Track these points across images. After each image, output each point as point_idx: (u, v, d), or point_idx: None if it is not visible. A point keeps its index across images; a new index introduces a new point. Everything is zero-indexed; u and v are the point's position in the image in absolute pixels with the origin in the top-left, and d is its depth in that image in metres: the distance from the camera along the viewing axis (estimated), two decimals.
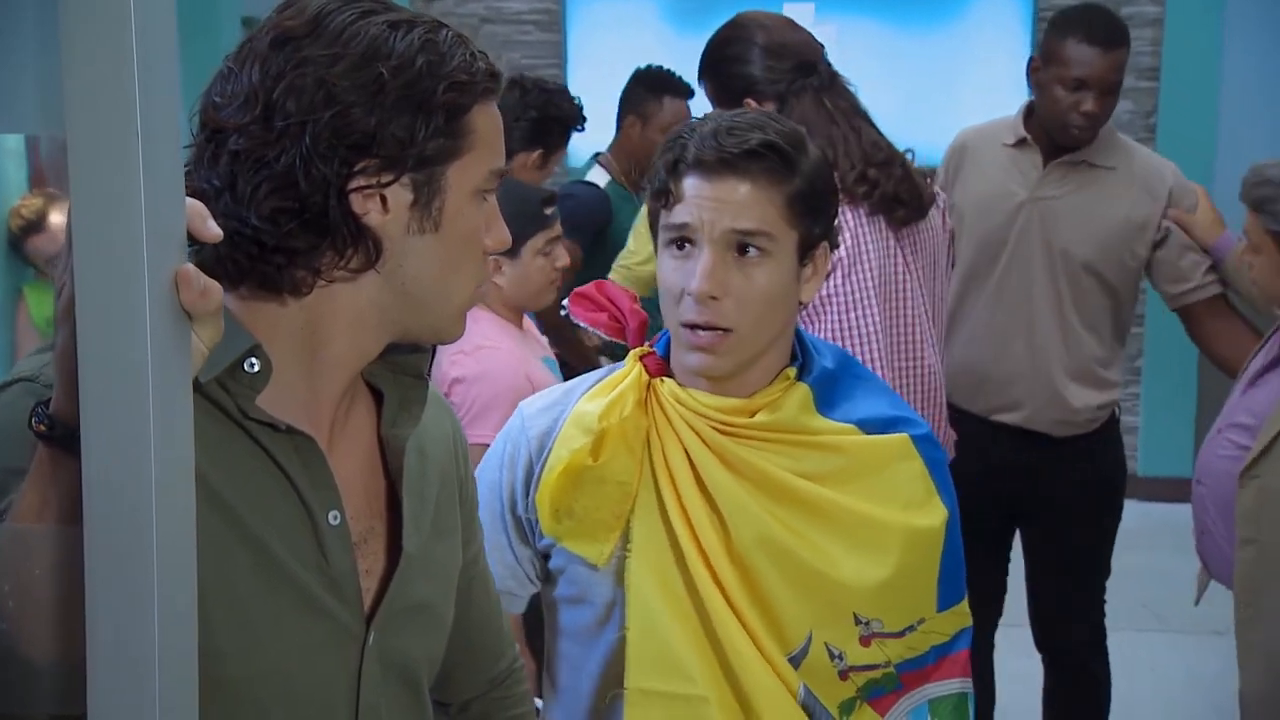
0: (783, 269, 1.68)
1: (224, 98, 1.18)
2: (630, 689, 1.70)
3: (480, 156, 1.25)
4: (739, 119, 1.70)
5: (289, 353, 1.23)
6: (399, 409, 1.36)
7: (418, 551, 1.35)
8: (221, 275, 1.20)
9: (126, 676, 0.92)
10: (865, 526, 1.70)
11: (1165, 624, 4.82)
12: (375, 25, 1.19)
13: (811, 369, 1.75)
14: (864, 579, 1.69)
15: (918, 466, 1.75)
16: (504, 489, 1.80)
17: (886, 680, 1.75)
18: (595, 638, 1.76)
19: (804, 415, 1.72)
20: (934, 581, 1.75)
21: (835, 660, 1.70)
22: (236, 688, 1.21)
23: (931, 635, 1.77)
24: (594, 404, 1.73)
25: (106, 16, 0.87)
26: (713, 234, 1.65)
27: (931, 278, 2.60)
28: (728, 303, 1.65)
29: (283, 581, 1.23)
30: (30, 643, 0.98)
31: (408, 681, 1.38)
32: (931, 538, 1.74)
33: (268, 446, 1.22)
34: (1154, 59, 6.17)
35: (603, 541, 1.72)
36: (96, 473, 0.91)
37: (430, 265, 1.25)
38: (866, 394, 1.79)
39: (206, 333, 0.99)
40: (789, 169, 1.67)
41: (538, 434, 1.77)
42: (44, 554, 0.97)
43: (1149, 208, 3.25)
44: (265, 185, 1.16)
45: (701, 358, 1.68)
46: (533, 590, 1.86)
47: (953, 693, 1.81)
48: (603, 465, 1.69)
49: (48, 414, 0.97)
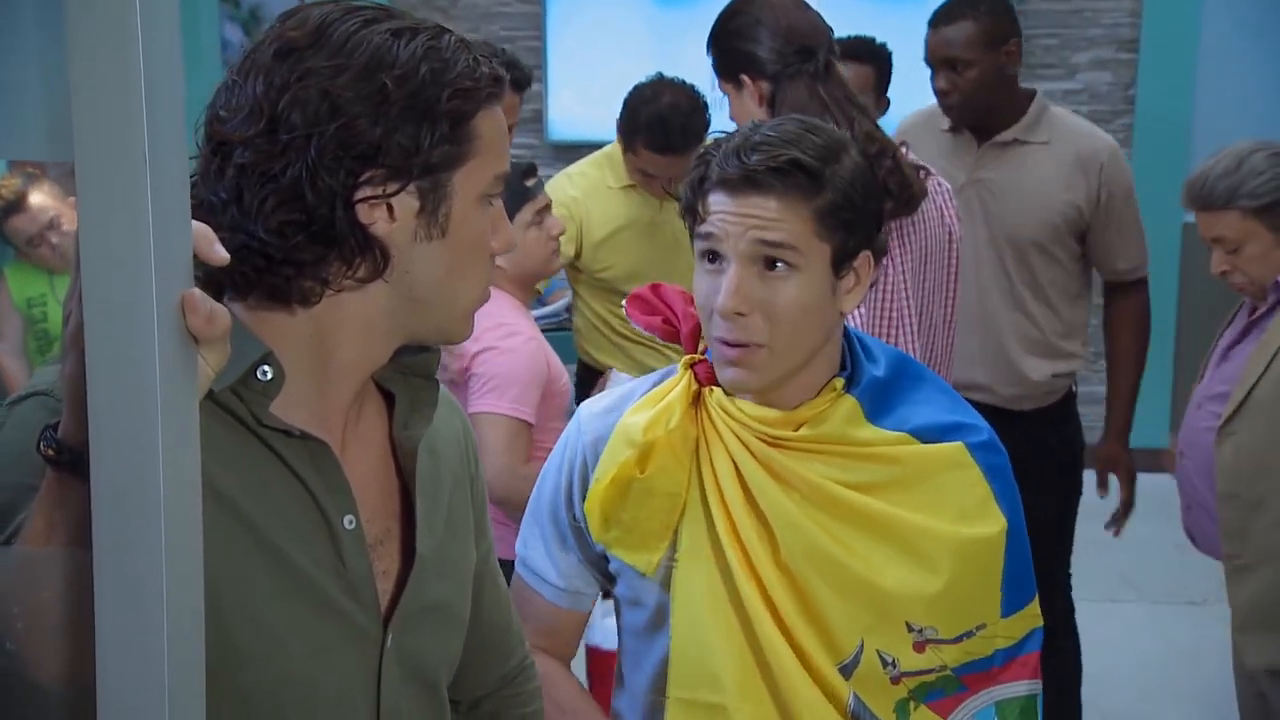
0: (814, 282, 1.64)
1: (229, 110, 1.18)
2: (671, 698, 1.70)
3: (485, 161, 1.25)
4: (770, 133, 1.65)
5: (300, 360, 1.24)
6: (410, 410, 1.36)
7: (432, 552, 1.36)
8: (230, 285, 1.22)
9: (136, 699, 0.93)
10: (917, 537, 1.67)
11: (1141, 594, 4.87)
12: (378, 34, 1.19)
13: (860, 378, 1.72)
14: (916, 590, 1.66)
15: (974, 475, 1.71)
16: (562, 492, 1.79)
17: (943, 683, 1.73)
18: (649, 638, 1.76)
19: (850, 427, 1.69)
20: (997, 589, 1.72)
21: (888, 667, 1.69)
22: (257, 693, 1.22)
23: (996, 639, 1.74)
24: (640, 416, 1.71)
25: (113, 43, 0.87)
26: (738, 248, 1.62)
27: (922, 274, 2.60)
28: (756, 318, 1.63)
29: (300, 586, 1.24)
30: (39, 665, 0.99)
31: (426, 682, 1.39)
32: (988, 546, 1.70)
33: (282, 453, 1.23)
34: (1133, 30, 6.17)
35: (651, 551, 1.71)
36: (106, 496, 0.92)
37: (437, 271, 1.25)
38: (924, 399, 1.75)
39: (213, 356, 0.99)
40: (817, 184, 1.62)
41: (592, 439, 1.76)
42: (52, 577, 0.98)
43: (1082, 185, 3.29)
44: (272, 198, 1.16)
45: (734, 372, 1.66)
46: (598, 589, 1.86)
47: (1020, 695, 1.78)
48: (650, 477, 1.68)
49: (56, 438, 0.98)
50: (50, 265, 3.75)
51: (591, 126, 6.29)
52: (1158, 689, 4.21)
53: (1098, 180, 3.28)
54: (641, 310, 1.84)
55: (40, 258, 3.76)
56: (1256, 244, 2.70)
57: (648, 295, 1.84)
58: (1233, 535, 2.59)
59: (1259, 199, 2.67)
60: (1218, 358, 2.85)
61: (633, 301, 1.85)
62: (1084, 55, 6.22)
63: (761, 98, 2.57)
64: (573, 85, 6.24)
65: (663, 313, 1.83)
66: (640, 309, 1.84)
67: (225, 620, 1.18)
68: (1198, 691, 4.11)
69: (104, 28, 0.87)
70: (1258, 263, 2.71)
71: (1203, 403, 2.82)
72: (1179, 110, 6.08)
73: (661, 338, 1.83)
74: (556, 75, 6.21)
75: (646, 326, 1.83)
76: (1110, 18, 6.21)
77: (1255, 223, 2.69)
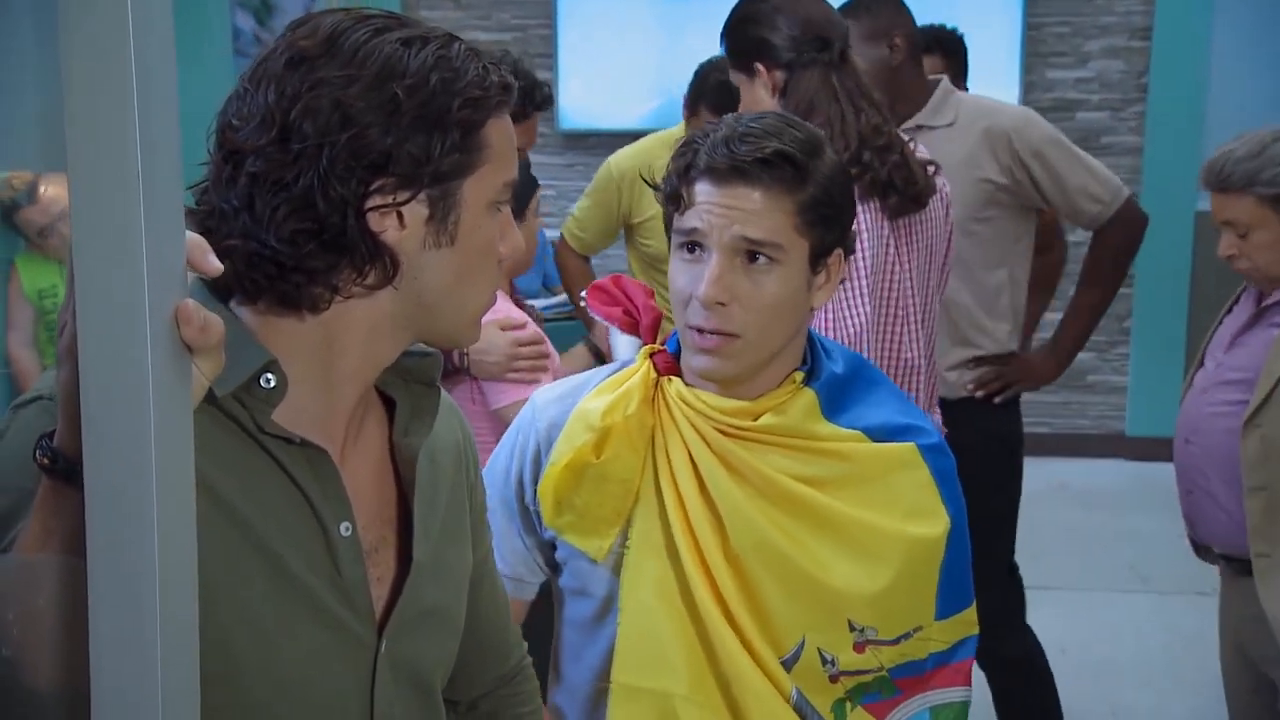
0: (792, 277, 1.67)
1: (240, 119, 1.19)
2: (615, 684, 1.71)
3: (495, 169, 1.26)
4: (754, 124, 1.68)
5: (306, 366, 1.25)
6: (411, 417, 1.37)
7: (428, 559, 1.37)
8: (239, 291, 1.22)
9: (130, 705, 0.94)
10: (865, 534, 1.70)
11: (1149, 585, 4.87)
12: (389, 44, 1.19)
13: (820, 373, 1.75)
14: (860, 587, 1.69)
15: (923, 475, 1.74)
16: (513, 477, 1.81)
17: (879, 684, 1.75)
18: (594, 630, 1.78)
19: (809, 421, 1.72)
20: (933, 591, 1.75)
21: (827, 665, 1.71)
22: (252, 699, 1.23)
23: (930, 643, 1.77)
24: (598, 401, 1.73)
25: (107, 57, 0.87)
26: (722, 240, 1.64)
27: (926, 271, 2.61)
28: (734, 308, 1.65)
29: (296, 593, 1.24)
30: (35, 670, 1.00)
31: (420, 686, 1.40)
32: (931, 547, 1.73)
33: (282, 460, 1.24)
34: (1145, 18, 6.16)
35: (602, 537, 1.73)
36: (99, 505, 0.92)
37: (446, 277, 1.26)
38: (878, 400, 1.78)
39: (208, 366, 1.00)
40: (801, 177, 1.65)
41: (546, 425, 1.78)
42: (47, 583, 0.98)
43: (992, 161, 3.26)
44: (284, 207, 1.17)
45: (707, 360, 1.68)
46: (542, 578, 1.88)
47: (955, 701, 1.81)
48: (605, 463, 1.70)
49: (51, 447, 0.99)
50: (61, 256, 3.77)
51: (601, 115, 6.31)
52: (1165, 679, 4.22)
53: (1008, 151, 3.26)
54: (602, 301, 1.86)
55: (52, 249, 3.79)
56: (1266, 232, 2.71)
57: (609, 286, 1.86)
58: (1260, 530, 2.59)
59: (1275, 188, 2.67)
60: (1225, 344, 2.85)
61: (593, 292, 1.87)
62: (1096, 43, 6.21)
63: (775, 87, 2.57)
64: (582, 74, 6.25)
65: (623, 304, 1.85)
66: (601, 300, 1.86)
67: (220, 625, 1.19)
68: (1205, 682, 4.11)
69: (97, 40, 0.87)
70: (1265, 250, 2.72)
71: (1209, 388, 2.81)
72: (1191, 98, 6.07)
73: (621, 328, 1.85)
74: (567, 64, 6.22)
75: (606, 316, 1.85)
76: (1123, 5, 6.19)
77: (1268, 211, 2.70)
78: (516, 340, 2.70)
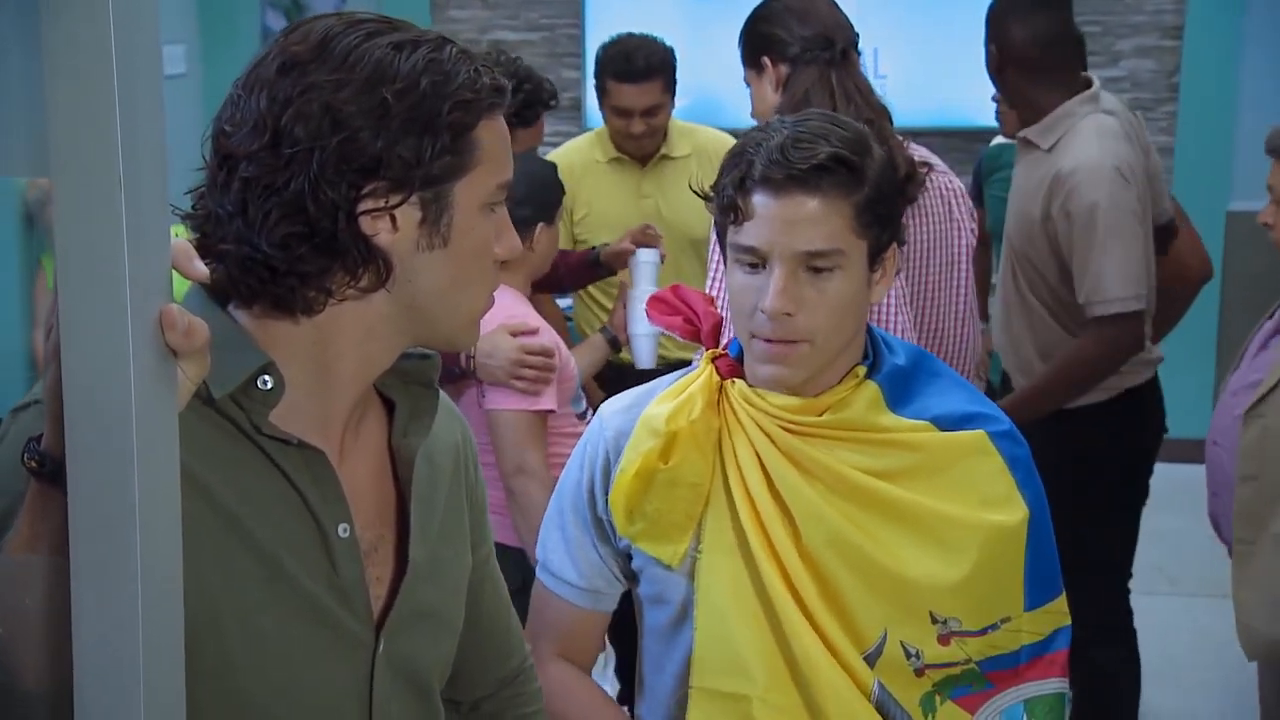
0: (854, 278, 1.68)
1: (233, 125, 1.20)
2: (694, 689, 1.71)
3: (487, 170, 1.26)
4: (803, 129, 1.67)
5: (302, 369, 1.26)
6: (410, 419, 1.38)
7: (424, 559, 1.38)
8: (235, 295, 1.24)
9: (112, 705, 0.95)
10: (940, 524, 1.68)
11: (1178, 587, 4.84)
12: (380, 48, 1.20)
13: (882, 366, 1.74)
14: (939, 578, 1.67)
15: (996, 463, 1.72)
16: (584, 488, 1.81)
17: (968, 677, 1.73)
18: (673, 636, 1.78)
19: (873, 413, 1.71)
20: (1019, 579, 1.73)
21: (911, 659, 1.70)
22: (250, 699, 1.24)
23: (1021, 634, 1.75)
24: (663, 407, 1.73)
25: (90, 66, 0.89)
26: (784, 254, 1.64)
27: (921, 268, 2.62)
28: (801, 317, 1.65)
29: (293, 594, 1.25)
30: (21, 669, 1.01)
31: (418, 687, 1.40)
32: (1012, 535, 1.71)
33: (279, 461, 1.25)
34: (1177, 17, 6.11)
35: (676, 542, 1.73)
36: (82, 508, 0.94)
37: (440, 279, 1.26)
38: (943, 390, 1.77)
39: (193, 369, 1.01)
40: (857, 179, 1.65)
41: (614, 434, 1.78)
42: (35, 584, 0.99)
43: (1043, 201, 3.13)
44: (275, 211, 1.18)
45: (775, 369, 1.68)
46: (620, 589, 1.87)
47: (1049, 693, 1.79)
48: (674, 468, 1.70)
49: (39, 450, 1.00)
50: None
51: None
52: (1193, 681, 4.19)
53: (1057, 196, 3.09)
54: (662, 311, 1.86)
55: None
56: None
57: (668, 296, 1.87)
58: (1244, 518, 2.59)
59: None
60: (1255, 347, 2.84)
61: (653, 303, 1.87)
62: (1127, 42, 6.17)
63: (779, 81, 2.64)
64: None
65: (684, 312, 1.85)
66: (661, 310, 1.87)
67: (218, 625, 1.20)
68: (1233, 683, 4.08)
69: (78, 45, 0.88)
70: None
71: (1238, 390, 2.81)
72: (1223, 98, 6.01)
73: (682, 336, 1.85)
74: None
75: (668, 326, 1.86)
76: (1154, 4, 6.14)
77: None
78: (524, 347, 2.69)
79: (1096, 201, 3.01)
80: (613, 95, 3.74)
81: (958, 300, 2.72)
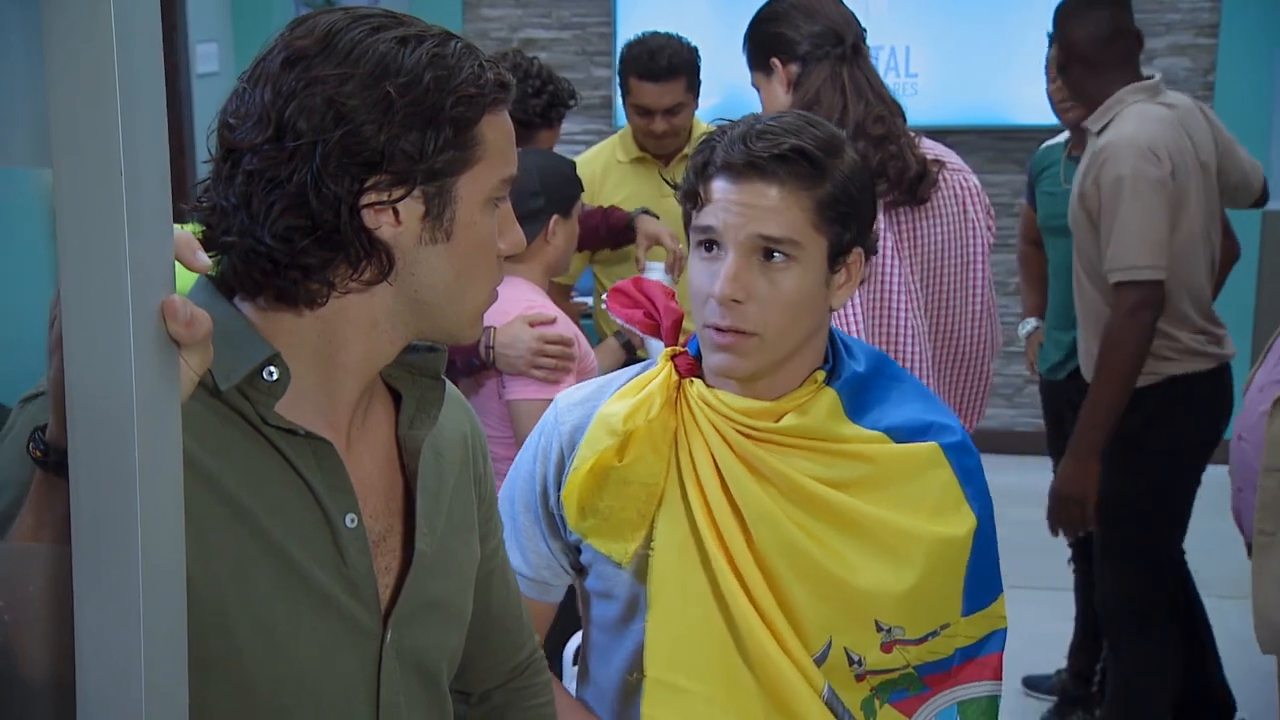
0: (809, 275, 1.67)
1: (237, 118, 1.21)
2: (649, 678, 1.71)
3: (491, 166, 1.27)
4: (773, 122, 1.68)
5: (307, 360, 1.27)
6: (416, 410, 1.39)
7: (431, 550, 1.38)
8: (240, 288, 1.25)
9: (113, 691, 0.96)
10: (891, 535, 1.69)
11: (1207, 589, 4.79)
12: (384, 42, 1.21)
13: (841, 373, 1.74)
14: (887, 588, 1.68)
15: (946, 475, 1.73)
16: (537, 481, 1.82)
17: (905, 681, 1.75)
18: (621, 631, 1.79)
19: (831, 421, 1.71)
20: (959, 589, 1.75)
21: (854, 665, 1.71)
22: (258, 688, 1.25)
23: (956, 639, 1.77)
24: (620, 405, 1.73)
25: (91, 56, 0.89)
26: (738, 238, 1.64)
27: (935, 267, 2.61)
28: (751, 306, 1.65)
29: (301, 583, 1.26)
30: (25, 657, 1.02)
31: (426, 677, 1.41)
32: (957, 546, 1.72)
33: (286, 452, 1.25)
34: (1212, 15, 6.06)
35: (627, 540, 1.73)
36: (84, 498, 0.94)
37: (443, 273, 1.27)
38: (900, 398, 1.77)
39: (195, 359, 1.02)
40: (819, 174, 1.65)
41: (570, 428, 1.79)
42: (39, 572, 1.00)
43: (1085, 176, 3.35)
44: (278, 204, 1.19)
45: (724, 358, 1.68)
46: (568, 580, 1.88)
47: (982, 695, 1.81)
48: (628, 466, 1.71)
49: (43, 440, 1.01)
50: None
51: None
52: None
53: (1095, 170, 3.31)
54: (622, 304, 1.87)
55: None
56: None
57: (629, 289, 1.87)
58: (1269, 510, 2.58)
59: None
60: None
61: (613, 295, 1.88)
62: (1162, 41, 6.12)
63: (789, 81, 2.62)
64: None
65: (644, 306, 1.86)
66: (621, 302, 1.87)
67: (226, 616, 1.21)
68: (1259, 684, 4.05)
69: (80, 37, 0.89)
70: None
71: (1264, 386, 2.79)
72: (1258, 97, 5.96)
73: (641, 330, 1.86)
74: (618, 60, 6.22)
75: (627, 319, 1.86)
76: (1189, 3, 6.10)
77: None
78: (543, 336, 2.71)
79: (1122, 175, 3.20)
80: (635, 93, 3.74)
81: (974, 300, 2.71)
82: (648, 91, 3.71)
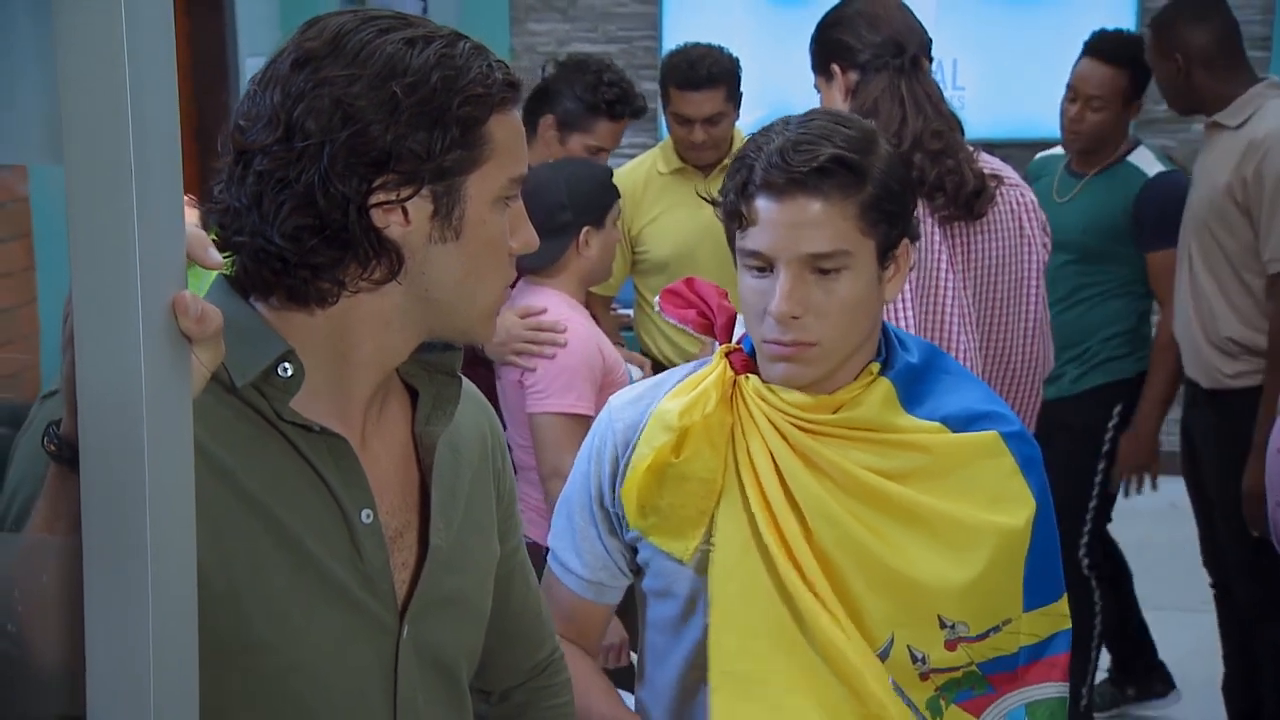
0: (862, 278, 1.67)
1: (248, 119, 1.23)
2: (717, 671, 1.70)
3: (500, 165, 1.28)
4: (805, 131, 1.66)
5: (320, 357, 1.28)
6: (432, 407, 1.40)
7: (447, 545, 1.39)
8: (252, 287, 1.27)
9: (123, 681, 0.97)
10: (951, 527, 1.68)
11: None
12: (392, 43, 1.22)
13: (895, 364, 1.74)
14: (948, 581, 1.67)
15: (1008, 464, 1.72)
16: (592, 481, 1.82)
17: (970, 680, 1.73)
18: (679, 631, 1.79)
19: (887, 412, 1.71)
20: (1019, 581, 1.73)
21: (918, 663, 1.70)
22: (275, 682, 1.26)
23: (1020, 636, 1.75)
24: (676, 402, 1.73)
25: (102, 53, 0.90)
26: (788, 258, 1.64)
27: (990, 283, 2.59)
28: (809, 319, 1.65)
29: (317, 578, 1.28)
30: (38, 647, 1.04)
31: (444, 673, 1.42)
32: (1017, 537, 1.71)
33: (302, 448, 1.27)
34: (1265, 27, 6.00)
35: (688, 538, 1.73)
36: (93, 492, 0.95)
37: (452, 272, 1.28)
38: (955, 388, 1.76)
39: (207, 355, 1.03)
40: (859, 179, 1.64)
41: (624, 427, 1.79)
42: (53, 564, 1.02)
43: (1235, 170, 3.39)
44: (287, 204, 1.20)
45: (786, 367, 1.68)
46: (625, 582, 1.88)
47: (1050, 697, 1.79)
48: (685, 462, 1.70)
49: (58, 434, 1.02)
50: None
51: None
52: None
53: (1252, 163, 3.35)
54: (675, 304, 1.87)
55: None
56: None
57: (682, 290, 1.87)
58: None
59: None
60: None
61: (666, 296, 1.88)
62: None
63: (848, 89, 2.60)
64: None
65: (697, 306, 1.85)
66: (674, 303, 1.87)
67: (243, 610, 1.23)
68: None
69: (91, 34, 0.90)
70: None
71: None
72: None
73: (695, 330, 1.85)
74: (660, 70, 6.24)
75: (681, 319, 1.86)
76: (1242, 14, 5.96)
77: None
78: (525, 324, 2.72)
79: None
80: (675, 102, 3.75)
81: (1027, 318, 2.68)
82: (687, 100, 3.72)
